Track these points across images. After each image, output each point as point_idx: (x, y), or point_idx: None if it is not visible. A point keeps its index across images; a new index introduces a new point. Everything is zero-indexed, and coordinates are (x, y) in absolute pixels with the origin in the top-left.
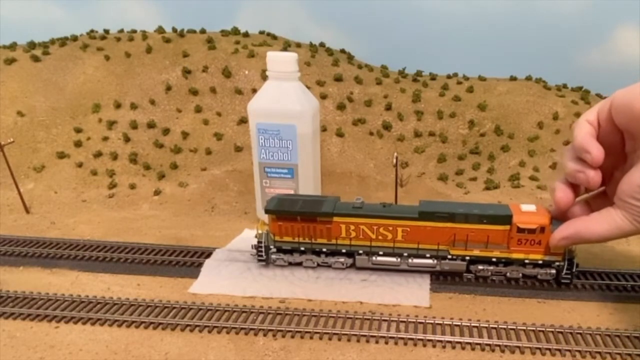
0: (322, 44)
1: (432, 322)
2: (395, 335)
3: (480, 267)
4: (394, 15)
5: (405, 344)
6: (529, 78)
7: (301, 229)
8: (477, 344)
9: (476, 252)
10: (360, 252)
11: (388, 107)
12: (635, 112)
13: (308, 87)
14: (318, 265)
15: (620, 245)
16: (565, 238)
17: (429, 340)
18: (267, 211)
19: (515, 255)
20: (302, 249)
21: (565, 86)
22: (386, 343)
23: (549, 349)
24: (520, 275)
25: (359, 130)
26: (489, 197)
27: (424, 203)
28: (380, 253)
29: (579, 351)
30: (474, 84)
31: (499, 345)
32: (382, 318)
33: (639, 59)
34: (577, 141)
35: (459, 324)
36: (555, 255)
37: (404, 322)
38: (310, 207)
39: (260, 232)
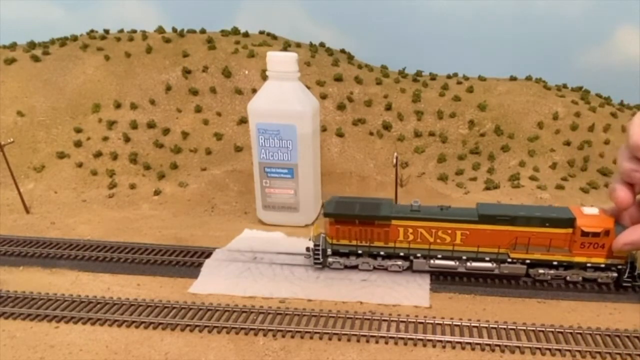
0: (322, 44)
1: (432, 322)
2: (395, 335)
3: (541, 270)
4: (394, 15)
5: (405, 344)
6: (529, 78)
7: (359, 232)
8: (477, 344)
9: (537, 256)
10: (418, 255)
11: (388, 107)
12: None
13: (308, 87)
14: (374, 268)
15: None
16: (630, 243)
17: (429, 340)
18: (326, 215)
19: (577, 259)
20: (360, 252)
21: (565, 86)
22: (386, 343)
23: (549, 349)
24: (580, 278)
25: (359, 130)
26: (489, 197)
27: (483, 206)
28: (439, 256)
29: (579, 351)
30: (474, 84)
31: (499, 345)
32: (382, 318)
33: (639, 59)
34: (632, 140)
35: (459, 324)
36: (618, 258)
37: (404, 322)
38: (369, 210)
39: (316, 235)
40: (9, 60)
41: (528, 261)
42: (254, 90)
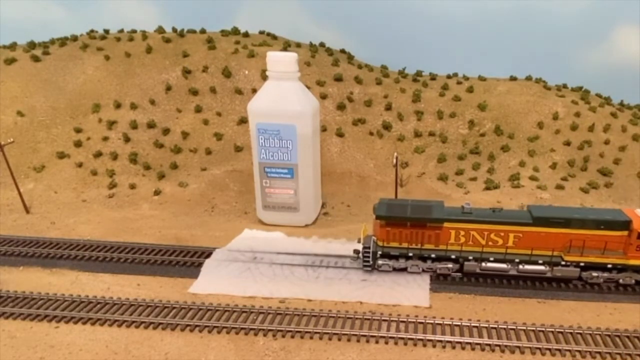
0: (322, 44)
1: (432, 322)
2: (395, 335)
3: (595, 273)
4: (394, 15)
5: (405, 344)
6: (529, 78)
7: (409, 235)
8: (477, 344)
9: (591, 258)
10: (470, 258)
11: (388, 107)
12: None
13: (308, 87)
14: (423, 270)
15: None
16: None
17: (429, 340)
18: (378, 217)
19: (632, 262)
20: (410, 254)
21: (565, 86)
22: (386, 343)
23: (549, 349)
24: (633, 281)
25: (359, 130)
26: (489, 197)
27: (535, 208)
28: (491, 259)
29: (579, 351)
30: (474, 84)
31: (499, 345)
32: (382, 318)
33: (639, 59)
34: None
35: (459, 324)
36: None
37: (404, 322)
38: (420, 212)
39: (365, 237)
40: (9, 60)
41: (582, 264)
42: (254, 90)
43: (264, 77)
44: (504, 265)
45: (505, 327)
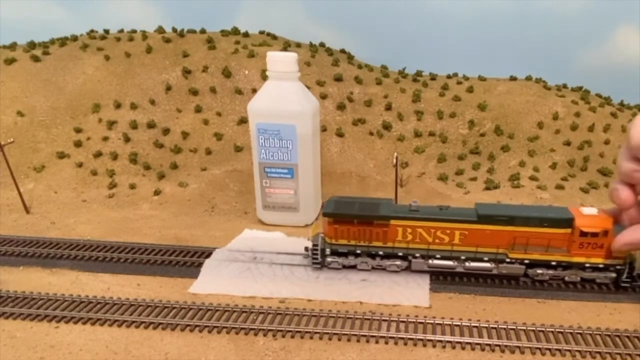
0: (322, 44)
1: (432, 322)
2: (395, 335)
3: (540, 271)
4: (394, 15)
5: (405, 344)
6: (529, 78)
7: (357, 232)
8: (477, 344)
9: (536, 256)
10: (417, 255)
11: (388, 107)
12: None
13: (308, 87)
14: (372, 268)
15: None
16: (629, 244)
17: (429, 340)
18: (325, 214)
19: (576, 259)
20: (358, 251)
21: (565, 86)
22: (386, 343)
23: (549, 349)
24: (579, 279)
25: (359, 130)
26: (489, 197)
27: (481, 206)
28: (437, 256)
29: (579, 351)
30: (474, 84)
31: (499, 345)
32: (382, 318)
33: (639, 59)
34: (634, 141)
35: (459, 324)
36: (617, 258)
37: (404, 322)
38: (368, 210)
39: (314, 235)
40: (9, 60)
41: (527, 261)
42: (254, 90)
43: (264, 77)
44: (450, 263)
45: (505, 327)
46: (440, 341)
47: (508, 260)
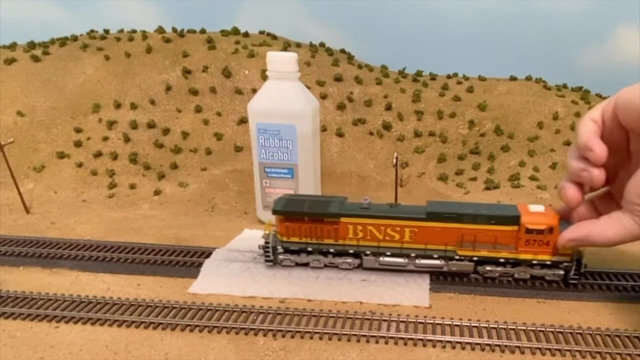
0: (322, 44)
1: (432, 322)
2: (395, 335)
3: (488, 267)
4: (394, 15)
5: (405, 344)
6: (529, 78)
7: (308, 230)
8: (477, 344)
9: (484, 253)
10: (368, 252)
11: (388, 107)
12: None
13: (308, 87)
14: (325, 265)
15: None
16: (574, 240)
17: (429, 340)
18: (274, 212)
19: (523, 256)
20: (310, 249)
21: (565, 86)
22: (386, 343)
23: (549, 349)
24: (528, 276)
25: (359, 130)
26: (489, 197)
27: (432, 203)
28: (388, 254)
29: (579, 351)
30: (474, 84)
31: (499, 345)
32: (382, 318)
33: (639, 59)
34: (581, 139)
35: (459, 324)
36: (564, 255)
37: (404, 322)
38: (317, 207)
39: (267, 233)
40: (9, 60)
41: (475, 258)
42: (254, 90)
43: (264, 77)
44: (400, 260)
45: (505, 327)
46: (440, 341)
47: (457, 257)
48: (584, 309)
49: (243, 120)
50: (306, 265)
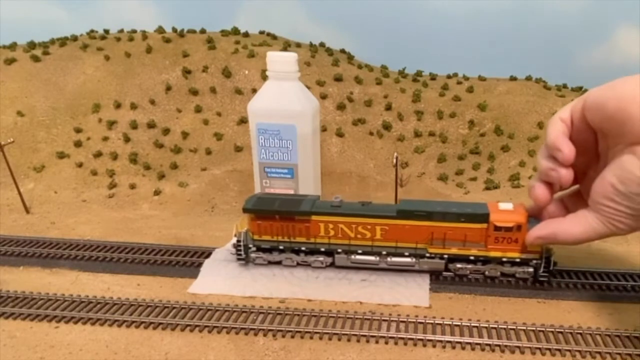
0: (322, 44)
1: (432, 322)
2: (395, 335)
3: (459, 265)
4: (394, 15)
5: (405, 344)
6: (529, 78)
7: (280, 228)
8: (477, 344)
9: (454, 251)
10: (339, 250)
11: (388, 107)
12: (608, 112)
13: (308, 87)
14: (298, 264)
15: (621, 246)
16: (541, 237)
17: (429, 340)
18: (245, 210)
19: (492, 254)
20: (281, 247)
21: (565, 86)
22: (386, 343)
23: (549, 349)
24: (499, 273)
25: (359, 130)
26: (489, 197)
27: (404, 202)
28: (359, 252)
29: (579, 351)
30: (474, 84)
31: (499, 345)
32: (382, 318)
33: (639, 59)
34: (550, 139)
35: (459, 324)
36: (533, 253)
37: (404, 322)
38: (288, 205)
39: (239, 231)
40: (9, 60)
41: (446, 256)
42: (254, 90)
43: (264, 77)
44: (372, 258)
45: (505, 327)
46: (440, 341)
47: (428, 255)
48: (584, 309)
49: (243, 120)
50: (279, 263)
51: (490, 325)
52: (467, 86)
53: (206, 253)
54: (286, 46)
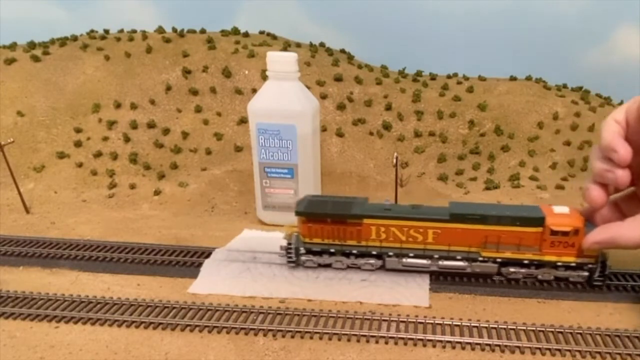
0: (322, 44)
1: (432, 322)
2: (395, 335)
3: (512, 269)
4: (393, 15)
5: (405, 344)
6: (529, 78)
7: (331, 231)
8: (477, 344)
9: (508, 254)
10: (391, 254)
11: (388, 107)
12: None
13: (308, 87)
14: (347, 267)
15: None
16: (599, 242)
17: (429, 340)
18: (297, 213)
19: (547, 258)
20: (332, 250)
21: (565, 86)
22: (386, 343)
23: (549, 349)
24: (552, 277)
25: (359, 130)
26: (489, 197)
27: (454, 205)
28: (411, 255)
29: (579, 351)
30: (474, 84)
31: (499, 345)
32: (382, 318)
33: (639, 59)
34: (605, 140)
35: (459, 324)
36: (588, 257)
37: (404, 322)
38: (340, 208)
39: (289, 234)
40: (9, 60)
41: (499, 260)
42: (254, 90)
43: (264, 77)
44: (424, 261)
45: (505, 327)
46: (440, 341)
47: (481, 258)
48: (584, 309)
49: (243, 120)
50: (328, 266)
51: (490, 325)
52: (467, 86)
53: (206, 253)
54: (286, 46)
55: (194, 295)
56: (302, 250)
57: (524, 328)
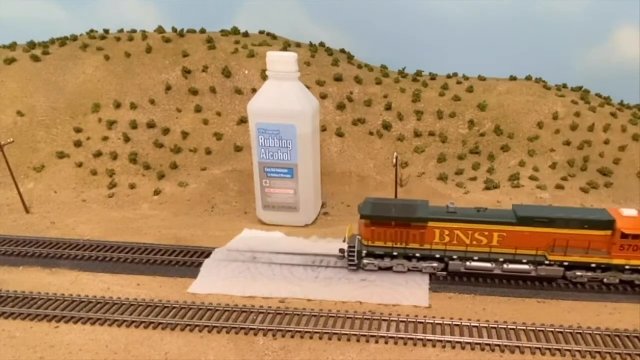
0: (322, 44)
1: (432, 322)
2: (395, 335)
3: (579, 273)
4: (394, 15)
5: (405, 344)
6: (529, 78)
7: (394, 234)
8: (477, 344)
9: (576, 258)
10: (455, 257)
11: (388, 107)
12: None
13: (308, 87)
14: (408, 270)
15: None
16: None
17: (429, 340)
18: (362, 216)
19: (616, 261)
20: (395, 254)
21: (565, 86)
22: (386, 343)
23: (549, 349)
24: (618, 281)
25: (359, 130)
26: (489, 197)
27: (519, 207)
28: (475, 258)
29: (579, 351)
30: (474, 84)
31: (499, 345)
32: (382, 318)
33: (639, 59)
34: None
35: (459, 324)
36: None
37: (404, 322)
38: (405, 212)
39: (351, 237)
40: (9, 60)
41: (566, 263)
42: (254, 90)
43: (264, 77)
44: (488, 265)
45: (505, 327)
46: (440, 341)
47: (547, 262)
48: (584, 309)
49: (243, 120)
50: (389, 269)
51: (490, 325)
52: (467, 86)
53: (206, 253)
54: (286, 46)
55: (194, 295)
56: (364, 253)
57: (524, 328)
